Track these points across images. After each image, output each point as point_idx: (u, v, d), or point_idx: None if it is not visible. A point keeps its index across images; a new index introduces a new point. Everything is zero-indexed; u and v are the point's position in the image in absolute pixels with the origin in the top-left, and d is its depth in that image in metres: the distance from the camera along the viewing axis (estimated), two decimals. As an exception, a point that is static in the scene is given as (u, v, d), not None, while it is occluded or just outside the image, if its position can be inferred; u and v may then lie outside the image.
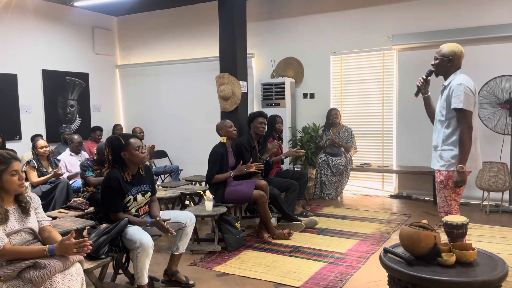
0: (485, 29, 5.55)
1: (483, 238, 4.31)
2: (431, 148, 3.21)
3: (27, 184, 2.63)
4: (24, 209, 2.44)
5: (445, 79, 3.13)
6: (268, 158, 4.98)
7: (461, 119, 2.95)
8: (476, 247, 2.52)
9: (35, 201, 2.58)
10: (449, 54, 3.08)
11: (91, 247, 2.35)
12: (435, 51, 3.18)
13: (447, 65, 3.10)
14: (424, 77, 3.25)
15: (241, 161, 4.53)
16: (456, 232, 2.54)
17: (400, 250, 2.55)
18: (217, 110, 6.38)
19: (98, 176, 4.56)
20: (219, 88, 6.17)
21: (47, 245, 2.34)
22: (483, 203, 5.48)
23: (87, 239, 2.38)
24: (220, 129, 4.54)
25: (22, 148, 6.29)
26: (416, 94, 3.33)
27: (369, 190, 6.64)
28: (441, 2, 5.88)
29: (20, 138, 6.73)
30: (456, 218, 2.59)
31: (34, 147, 5.19)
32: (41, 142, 5.16)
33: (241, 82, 6.16)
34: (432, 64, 3.17)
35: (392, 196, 6.34)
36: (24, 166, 4.84)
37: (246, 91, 6.36)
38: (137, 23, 8.29)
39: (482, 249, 2.61)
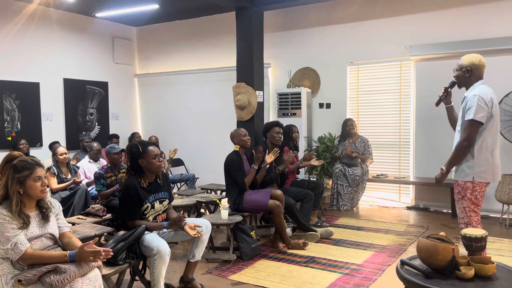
0: (505, 40, 5.49)
1: (503, 252, 4.22)
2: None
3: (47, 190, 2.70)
4: (44, 215, 2.49)
5: (466, 89, 3.13)
6: (280, 170, 4.98)
7: (466, 128, 2.99)
8: (496, 261, 2.48)
9: (56, 207, 2.63)
10: (467, 65, 3.08)
11: (112, 254, 2.40)
12: (454, 62, 3.18)
13: (466, 76, 3.10)
14: (446, 88, 3.26)
15: (253, 152, 4.54)
16: (475, 245, 2.50)
17: (417, 262, 2.52)
18: (233, 119, 6.43)
19: (113, 182, 4.64)
20: (235, 98, 6.23)
21: (68, 251, 2.39)
22: (503, 216, 5.38)
23: (102, 249, 2.40)
24: (234, 137, 4.57)
25: (43, 155, 6.44)
26: (437, 104, 3.38)
27: (385, 201, 6.57)
28: (460, 13, 5.85)
29: (41, 145, 6.89)
30: (475, 231, 2.55)
31: (54, 154, 5.30)
32: (61, 149, 5.27)
33: (257, 92, 6.21)
34: (454, 76, 3.18)
35: (409, 208, 6.26)
36: (45, 173, 4.94)
37: (262, 101, 6.40)
38: (156, 33, 8.44)
39: (501, 263, 2.57)
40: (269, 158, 4.59)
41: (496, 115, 3.05)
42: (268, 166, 4.60)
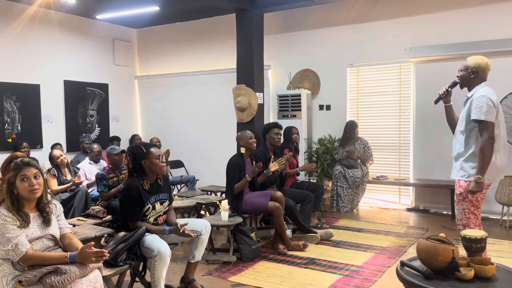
0: (505, 42, 5.50)
1: (503, 254, 4.23)
2: (449, 161, 3.20)
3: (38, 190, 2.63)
4: (45, 219, 2.48)
5: (469, 90, 3.14)
6: (279, 172, 4.94)
7: (483, 130, 2.96)
8: (495, 262, 2.49)
9: (58, 208, 2.63)
10: (473, 66, 3.09)
11: (108, 255, 2.40)
12: (453, 64, 3.19)
13: (471, 77, 3.11)
14: (447, 87, 3.27)
15: (253, 163, 4.52)
16: (475, 246, 2.51)
17: (417, 263, 2.53)
18: (233, 121, 6.44)
19: (115, 183, 4.64)
20: (235, 99, 6.24)
21: (69, 252, 2.40)
22: (503, 218, 5.38)
23: (105, 250, 2.40)
24: (240, 139, 4.58)
25: (43, 157, 6.43)
26: (436, 102, 3.39)
27: (385, 203, 6.57)
28: (459, 15, 5.86)
29: (42, 147, 6.90)
30: (474, 232, 2.56)
31: (51, 159, 5.28)
32: (56, 152, 5.24)
33: (257, 94, 6.22)
34: (457, 76, 3.19)
35: (409, 210, 6.26)
36: (45, 174, 4.95)
37: (262, 103, 6.41)
38: (156, 35, 8.46)
39: (501, 264, 2.58)
40: (273, 166, 4.55)
41: (501, 118, 3.06)
42: (270, 173, 4.60)
